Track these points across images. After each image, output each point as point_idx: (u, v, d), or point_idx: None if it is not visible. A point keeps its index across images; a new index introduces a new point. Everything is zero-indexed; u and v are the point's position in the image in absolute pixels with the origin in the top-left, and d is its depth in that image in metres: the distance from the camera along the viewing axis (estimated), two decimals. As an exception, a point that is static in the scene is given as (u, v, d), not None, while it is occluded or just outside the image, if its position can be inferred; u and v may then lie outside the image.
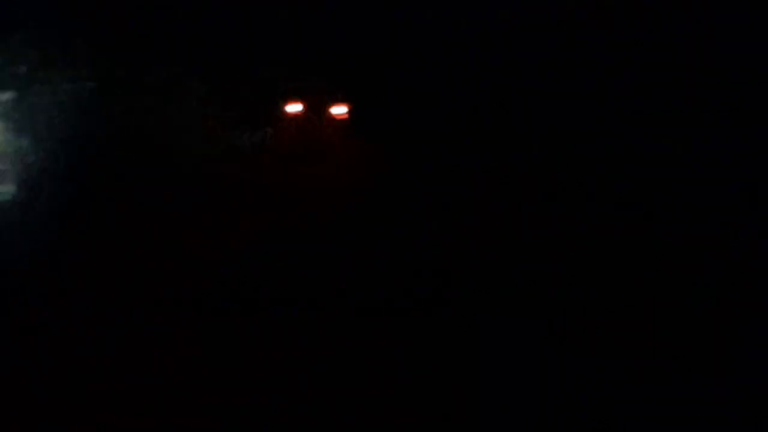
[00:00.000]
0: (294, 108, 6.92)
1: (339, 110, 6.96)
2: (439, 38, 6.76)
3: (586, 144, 6.60)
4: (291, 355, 5.78)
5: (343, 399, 5.45)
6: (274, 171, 6.68)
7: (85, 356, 5.61)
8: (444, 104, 6.75)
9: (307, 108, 6.93)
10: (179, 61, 6.60)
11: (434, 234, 6.42)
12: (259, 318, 6.07)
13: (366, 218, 6.47)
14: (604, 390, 5.55)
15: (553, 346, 5.91)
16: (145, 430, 5.21)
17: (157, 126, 6.54)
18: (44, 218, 6.27)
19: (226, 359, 5.73)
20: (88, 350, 5.66)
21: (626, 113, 6.63)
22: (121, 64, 6.59)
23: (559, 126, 6.65)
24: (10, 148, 6.39)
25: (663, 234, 6.42)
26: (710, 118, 6.56)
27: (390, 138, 6.69)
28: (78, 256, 6.19)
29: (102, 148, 6.51)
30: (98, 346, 5.71)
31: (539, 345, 5.92)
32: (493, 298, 6.22)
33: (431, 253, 6.33)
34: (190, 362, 5.65)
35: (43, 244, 6.14)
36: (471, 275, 6.26)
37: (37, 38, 6.47)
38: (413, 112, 6.73)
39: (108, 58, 6.56)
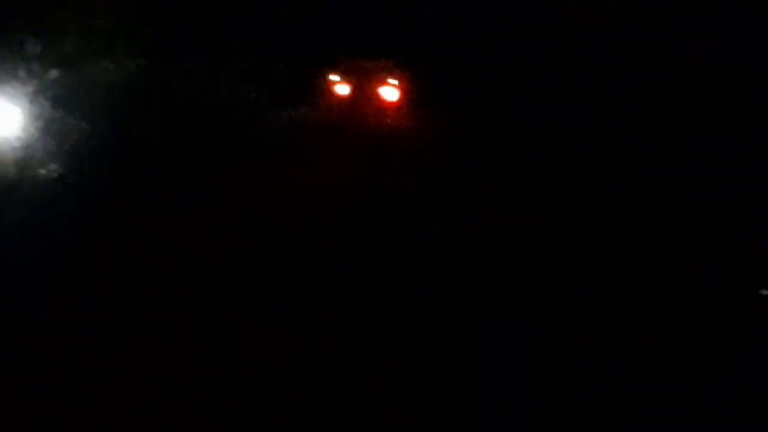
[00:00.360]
0: (342, 89, 6.72)
1: (389, 93, 6.71)
2: (498, 25, 6.56)
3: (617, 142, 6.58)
4: (291, 355, 5.78)
5: (343, 399, 5.45)
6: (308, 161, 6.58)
7: (85, 356, 5.61)
8: (498, 93, 6.59)
9: (356, 89, 6.72)
10: (228, 41, 6.49)
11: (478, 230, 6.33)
12: (259, 318, 6.08)
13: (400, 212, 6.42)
14: (604, 390, 5.56)
15: (553, 346, 5.91)
16: (145, 430, 5.21)
17: (202, 107, 6.48)
18: (83, 199, 6.22)
19: (226, 359, 5.73)
20: (88, 350, 5.66)
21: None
22: (167, 43, 6.48)
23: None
24: (56, 128, 6.31)
25: (663, 234, 6.42)
26: (710, 118, 6.56)
27: (443, 124, 6.54)
28: (97, 247, 6.20)
29: (146, 128, 6.44)
30: (98, 346, 5.71)
31: (539, 345, 5.93)
32: (499, 298, 6.25)
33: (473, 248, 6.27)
34: (190, 362, 5.65)
35: (71, 229, 6.11)
36: (487, 272, 6.29)
37: (85, 18, 6.37)
38: (469, 99, 6.56)
39: (153, 39, 6.47)
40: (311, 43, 6.68)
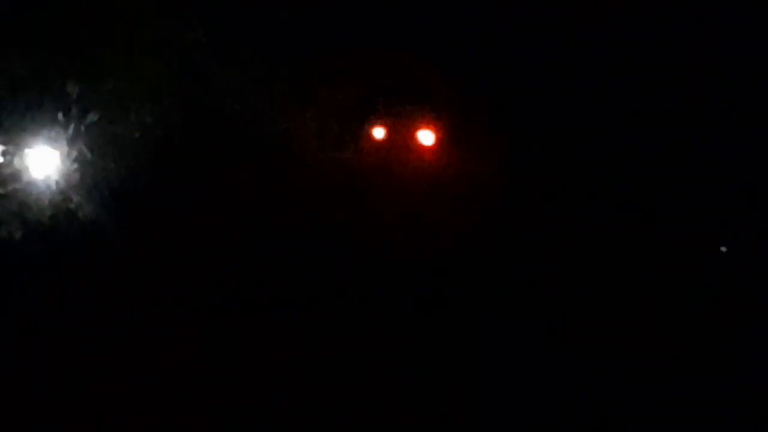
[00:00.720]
0: (378, 133, 6.69)
1: (426, 137, 6.62)
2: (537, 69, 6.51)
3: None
4: (291, 355, 5.78)
5: (343, 399, 5.45)
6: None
7: (85, 356, 5.61)
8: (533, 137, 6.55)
9: (392, 133, 6.66)
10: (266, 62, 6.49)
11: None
12: (259, 318, 6.08)
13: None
14: (604, 390, 5.56)
15: (553, 346, 5.92)
16: (145, 430, 5.21)
17: (240, 140, 6.49)
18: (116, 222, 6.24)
19: (226, 359, 5.74)
20: (88, 350, 5.66)
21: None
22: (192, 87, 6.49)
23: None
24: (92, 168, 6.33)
25: (663, 234, 6.43)
26: (710, 119, 6.56)
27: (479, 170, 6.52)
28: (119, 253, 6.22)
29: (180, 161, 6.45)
30: (98, 346, 5.71)
31: (539, 345, 5.93)
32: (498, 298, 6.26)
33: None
34: (190, 362, 5.66)
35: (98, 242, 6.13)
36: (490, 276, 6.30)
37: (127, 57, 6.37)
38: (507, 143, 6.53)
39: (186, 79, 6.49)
40: (350, 92, 6.68)
